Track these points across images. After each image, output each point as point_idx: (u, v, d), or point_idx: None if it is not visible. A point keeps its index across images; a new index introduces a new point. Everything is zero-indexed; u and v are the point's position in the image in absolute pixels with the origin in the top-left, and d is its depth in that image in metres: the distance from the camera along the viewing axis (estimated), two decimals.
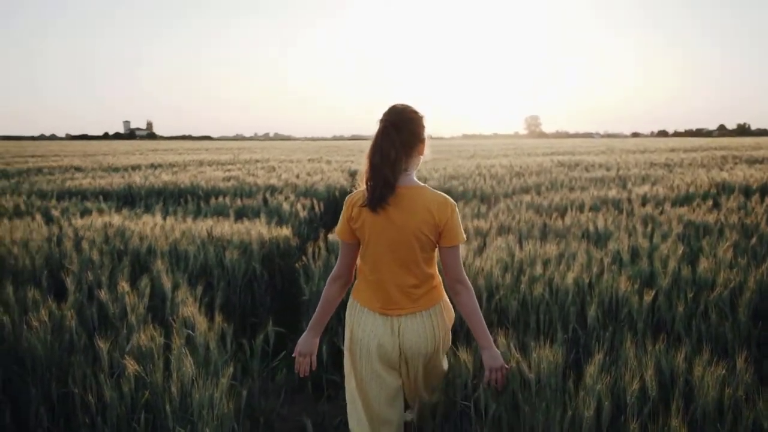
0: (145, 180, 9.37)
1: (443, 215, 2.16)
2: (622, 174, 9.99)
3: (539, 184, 8.78)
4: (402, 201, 2.15)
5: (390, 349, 2.24)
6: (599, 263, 3.98)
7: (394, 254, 2.18)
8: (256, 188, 8.59)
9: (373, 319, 2.24)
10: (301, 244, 5.61)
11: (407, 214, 2.14)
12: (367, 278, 2.27)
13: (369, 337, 2.24)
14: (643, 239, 4.60)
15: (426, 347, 2.26)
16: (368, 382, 2.31)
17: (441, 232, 2.18)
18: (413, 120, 2.19)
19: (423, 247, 2.18)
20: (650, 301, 3.28)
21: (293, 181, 9.37)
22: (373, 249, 2.21)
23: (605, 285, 3.57)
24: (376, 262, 2.22)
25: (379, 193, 2.10)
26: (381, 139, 2.13)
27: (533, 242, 4.56)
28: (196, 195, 8.15)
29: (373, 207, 2.13)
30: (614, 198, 7.07)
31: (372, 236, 2.19)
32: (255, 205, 7.16)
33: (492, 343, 2.31)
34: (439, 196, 2.21)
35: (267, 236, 5.12)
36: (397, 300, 2.22)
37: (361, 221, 2.19)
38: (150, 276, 3.84)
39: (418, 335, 2.23)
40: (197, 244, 4.63)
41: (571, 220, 5.62)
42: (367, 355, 2.26)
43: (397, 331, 2.22)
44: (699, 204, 6.30)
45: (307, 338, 2.37)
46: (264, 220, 5.99)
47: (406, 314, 2.22)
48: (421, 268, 2.22)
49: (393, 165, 2.11)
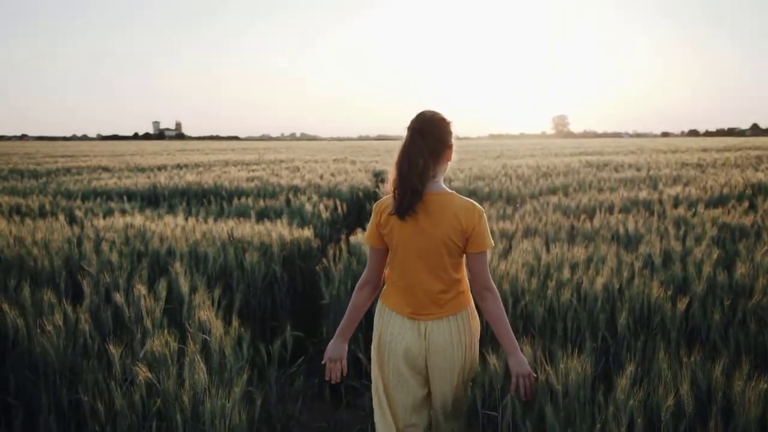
0: (170, 180, 9.40)
1: (470, 221, 2.17)
2: (653, 174, 9.74)
3: (567, 185, 8.59)
4: (430, 208, 2.16)
5: (417, 353, 2.25)
6: (629, 268, 3.82)
7: (422, 260, 2.20)
8: (279, 189, 8.54)
9: (401, 323, 2.26)
10: (322, 245, 5.53)
11: (435, 221, 2.16)
12: (395, 284, 2.29)
13: (396, 340, 2.26)
14: (675, 242, 4.42)
15: (452, 352, 2.25)
16: (395, 387, 2.32)
17: (468, 238, 2.18)
18: (440, 127, 2.21)
19: (450, 253, 2.20)
20: (684, 308, 3.13)
21: (317, 181, 9.31)
22: (402, 255, 2.23)
23: (636, 291, 3.42)
24: (405, 268, 2.24)
25: (408, 202, 2.12)
26: (409, 147, 2.15)
27: (560, 245, 4.41)
28: (220, 195, 8.14)
29: (401, 215, 2.15)
30: (645, 199, 6.87)
31: (400, 243, 2.21)
32: (277, 206, 7.10)
33: (518, 348, 2.29)
34: (466, 202, 2.21)
35: (288, 238, 5.05)
36: (425, 305, 2.23)
37: (390, 227, 2.21)
38: (168, 278, 3.79)
39: (444, 339, 2.23)
40: (217, 246, 4.58)
41: (600, 222, 5.45)
42: (395, 359, 2.27)
43: (424, 334, 2.24)
44: (734, 205, 6.08)
45: (335, 344, 2.39)
46: (286, 221, 5.94)
47: (433, 319, 2.23)
48: (449, 273, 2.23)
49: (421, 174, 2.13)
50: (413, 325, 2.24)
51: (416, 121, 2.20)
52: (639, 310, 3.31)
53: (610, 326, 3.31)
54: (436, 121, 2.21)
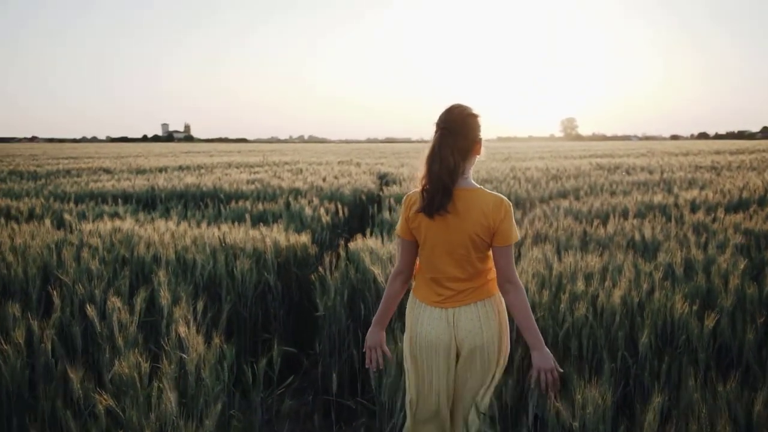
0: (168, 182, 9.14)
1: (497, 216, 2.17)
2: (666, 177, 9.41)
3: (577, 188, 8.28)
4: (457, 204, 2.17)
5: (447, 340, 2.27)
6: (649, 278, 3.52)
7: (449, 254, 2.23)
8: (280, 191, 8.27)
9: (429, 313, 2.29)
10: (320, 252, 5.26)
11: (462, 216, 2.17)
12: (424, 276, 2.33)
13: (427, 330, 2.28)
14: (697, 250, 4.12)
15: (481, 337, 2.25)
16: (427, 377, 2.34)
17: (494, 233, 2.19)
18: (470, 123, 2.20)
19: (477, 247, 2.21)
20: (712, 326, 2.83)
21: (319, 183, 9.02)
22: (429, 249, 2.26)
23: (657, 305, 3.12)
24: (432, 260, 2.27)
25: (439, 202, 2.13)
26: (439, 145, 2.15)
27: (573, 253, 4.12)
28: (218, 198, 7.87)
29: (430, 214, 2.17)
30: (660, 203, 6.55)
31: (428, 237, 2.24)
32: (276, 210, 6.82)
33: (543, 343, 2.25)
34: (494, 196, 2.20)
35: (284, 244, 4.77)
36: (453, 294, 2.26)
37: (417, 222, 2.24)
38: (150, 288, 3.52)
39: (472, 323, 2.24)
40: (207, 253, 4.30)
41: (614, 228, 5.14)
42: (427, 348, 2.30)
43: (452, 321, 2.26)
44: (756, 210, 5.76)
45: (373, 332, 2.46)
46: (282, 225, 5.66)
47: (460, 306, 2.25)
48: (475, 266, 2.25)
49: (452, 172, 2.13)
50: (441, 313, 2.27)
51: (446, 119, 2.18)
52: (661, 326, 3.01)
53: (630, 344, 3.01)
54: (465, 116, 2.19)
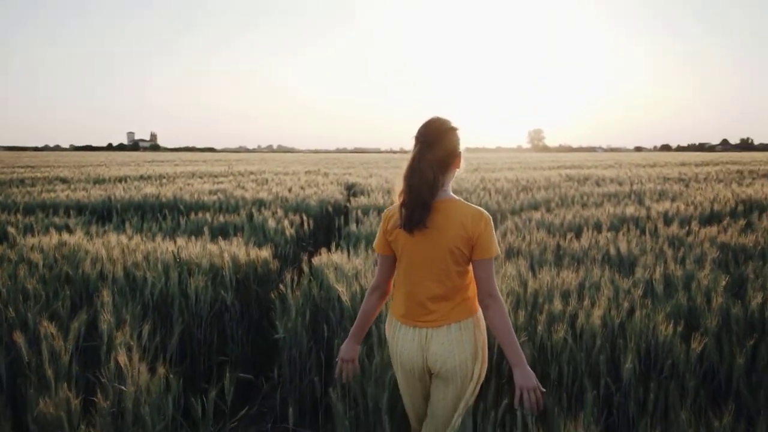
0: (126, 193, 8.74)
1: (476, 229, 2.12)
2: (637, 189, 9.34)
3: (548, 200, 8.14)
4: (437, 216, 2.13)
5: (419, 362, 2.21)
6: (628, 296, 3.34)
7: (427, 267, 2.18)
8: (243, 202, 7.95)
9: (404, 332, 2.24)
10: (283, 267, 4.98)
11: (441, 228, 2.13)
12: (400, 290, 2.28)
13: (401, 349, 2.24)
14: (675, 266, 3.95)
15: (452, 361, 2.17)
16: (407, 394, 2.36)
17: (474, 246, 2.14)
18: (449, 137, 2.16)
19: (456, 260, 2.16)
20: (699, 349, 2.64)
21: (284, 194, 8.72)
22: (407, 262, 2.22)
23: (639, 326, 2.93)
24: (410, 274, 2.22)
25: (418, 217, 2.10)
26: (418, 160, 2.11)
27: (548, 269, 3.93)
28: (177, 209, 7.53)
29: (409, 230, 2.13)
30: (633, 216, 6.42)
31: (405, 250, 2.20)
32: (238, 222, 6.52)
33: (524, 360, 2.15)
34: (473, 209, 2.16)
35: (243, 259, 4.48)
36: (429, 311, 2.19)
37: (395, 235, 2.21)
38: (92, 310, 3.22)
39: (443, 348, 2.17)
40: (159, 269, 3.99)
41: (589, 242, 4.98)
42: (401, 368, 2.28)
43: (423, 343, 2.20)
44: (729, 223, 5.66)
45: (348, 345, 2.44)
46: (245, 238, 5.38)
47: (435, 326, 2.18)
48: (453, 280, 2.19)
49: (431, 187, 2.10)
50: (414, 333, 2.21)
51: (424, 132, 2.15)
52: (645, 350, 2.82)
53: (612, 369, 2.81)
54: (444, 130, 2.15)
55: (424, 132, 2.15)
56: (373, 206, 7.61)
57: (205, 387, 3.65)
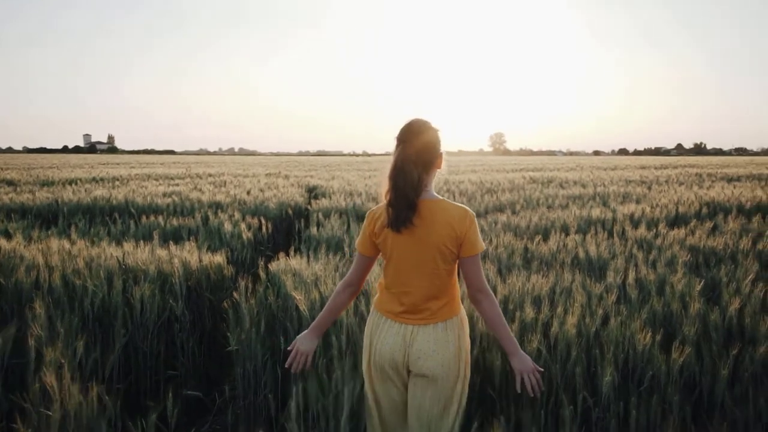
0: (75, 195, 8.32)
1: (463, 227, 2.17)
2: (601, 191, 9.31)
3: (513, 202, 8.02)
4: (423, 215, 2.16)
5: (399, 358, 2.21)
6: (601, 302, 3.18)
7: (416, 268, 2.20)
8: (199, 205, 7.62)
9: (388, 327, 2.24)
10: (238, 273, 4.71)
11: (429, 228, 2.16)
12: (389, 290, 2.28)
13: (382, 343, 2.24)
14: (647, 269, 3.82)
15: (433, 361, 2.18)
16: (382, 395, 2.31)
17: (462, 243, 2.18)
18: (431, 137, 2.19)
19: (445, 259, 2.19)
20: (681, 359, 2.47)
21: (242, 197, 8.41)
22: (396, 263, 2.23)
23: (616, 334, 2.76)
24: (399, 275, 2.24)
25: (404, 216, 2.13)
26: (402, 160, 2.13)
27: (517, 273, 3.75)
28: (128, 213, 7.17)
29: (396, 229, 2.15)
30: (599, 218, 6.33)
31: (394, 251, 2.22)
32: (193, 225, 6.21)
33: (519, 347, 2.24)
34: (458, 208, 2.21)
35: (195, 265, 4.20)
36: (418, 310, 2.22)
37: (383, 237, 2.22)
38: (22, 323, 2.91)
39: (427, 345, 2.19)
40: (102, 277, 3.69)
41: (557, 245, 4.83)
42: (380, 363, 2.25)
43: (408, 339, 2.21)
44: (696, 226, 5.59)
45: (307, 336, 2.40)
46: (200, 243, 5.09)
47: (423, 324, 2.20)
48: (442, 279, 2.21)
49: (416, 186, 2.13)
50: (399, 329, 2.22)
51: (407, 133, 2.17)
52: (623, 360, 2.65)
53: (589, 381, 2.63)
54: (426, 131, 2.18)
55: (406, 132, 2.17)
56: (335, 209, 7.38)
57: (150, 405, 3.37)
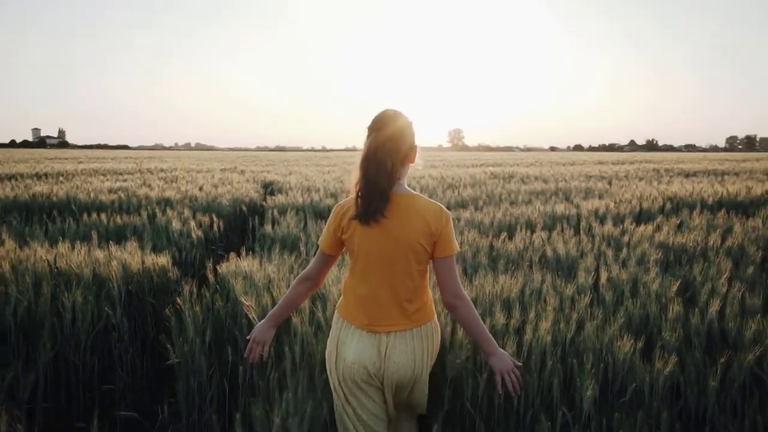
0: (11, 191, 7.79)
1: (438, 224, 2.05)
2: (562, 187, 9.20)
3: (476, 198, 7.82)
4: (396, 210, 2.04)
5: (374, 371, 2.08)
6: (575, 305, 2.98)
7: (387, 267, 2.07)
8: (147, 202, 7.21)
9: (359, 338, 2.09)
10: (185, 276, 4.37)
11: (402, 223, 2.04)
12: (355, 292, 2.14)
13: (354, 356, 2.09)
14: (619, 269, 3.64)
15: (412, 371, 2.09)
16: (357, 406, 2.15)
17: (436, 242, 2.07)
18: (405, 127, 2.08)
19: (418, 258, 2.07)
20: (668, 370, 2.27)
21: (194, 193, 8.01)
22: (364, 261, 2.09)
23: (592, 340, 2.56)
24: (367, 274, 2.10)
25: (375, 206, 2.01)
26: (375, 149, 2.03)
27: (483, 273, 3.53)
28: (70, 210, 6.72)
29: (366, 220, 2.03)
30: (564, 214, 6.16)
31: (362, 248, 2.08)
32: (138, 223, 5.82)
33: (497, 346, 2.16)
34: (433, 204, 2.10)
35: (136, 267, 3.85)
36: (389, 314, 2.08)
37: (351, 232, 2.09)
38: None
39: (405, 356, 2.07)
40: (28, 282, 3.33)
41: (523, 243, 4.63)
42: (351, 376, 2.10)
43: (384, 351, 2.07)
44: (662, 222, 5.47)
45: (263, 326, 2.31)
46: (145, 242, 4.73)
47: (396, 331, 2.07)
48: (414, 281, 2.09)
49: (389, 175, 2.02)
50: (372, 340, 2.08)
51: (380, 122, 2.07)
52: (603, 370, 2.43)
53: (567, 395, 2.41)
54: (399, 120, 2.07)
55: (379, 121, 2.06)
56: (291, 205, 7.06)
57: (82, 426, 3.04)
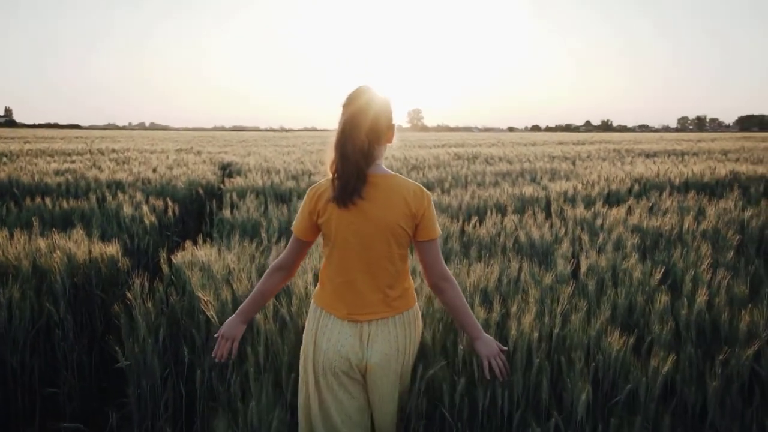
0: None
1: (420, 206, 1.98)
2: (528, 168, 9.09)
3: (442, 179, 7.64)
4: (375, 191, 1.95)
5: (356, 362, 1.99)
6: (554, 294, 2.81)
7: (366, 251, 1.98)
8: (96, 185, 6.80)
9: (339, 328, 2.00)
10: (137, 266, 4.07)
11: (382, 205, 1.95)
12: (332, 280, 2.04)
13: (334, 348, 1.99)
14: (595, 254, 3.49)
15: (396, 361, 2.01)
16: (330, 401, 2.04)
17: (418, 225, 1.99)
18: (382, 105, 1.99)
19: (399, 242, 1.98)
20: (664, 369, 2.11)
21: (148, 175, 7.61)
22: (342, 246, 1.99)
23: (579, 335, 2.39)
24: (346, 260, 2.00)
25: (352, 187, 1.91)
26: (350, 126, 1.93)
27: (457, 261, 3.34)
28: (12, 194, 6.28)
29: (344, 202, 1.93)
30: (533, 196, 6.03)
31: (340, 232, 1.98)
32: (86, 208, 5.45)
33: (482, 331, 2.12)
34: (413, 185, 2.02)
35: (82, 257, 3.54)
36: (370, 302, 1.99)
37: (328, 215, 1.98)
38: None
39: (389, 345, 1.99)
40: None
41: (495, 227, 4.45)
42: (331, 369, 2.00)
43: (366, 340, 1.99)
44: (633, 204, 5.37)
45: (234, 322, 2.19)
46: (91, 229, 4.39)
47: (378, 319, 1.99)
48: (395, 265, 2.00)
49: (366, 155, 1.93)
50: (354, 329, 1.99)
51: (356, 99, 1.97)
52: (593, 369, 2.26)
53: (557, 398, 2.24)
54: (376, 98, 1.98)
55: (355, 98, 1.96)
56: (251, 188, 6.75)
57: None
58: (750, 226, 4.34)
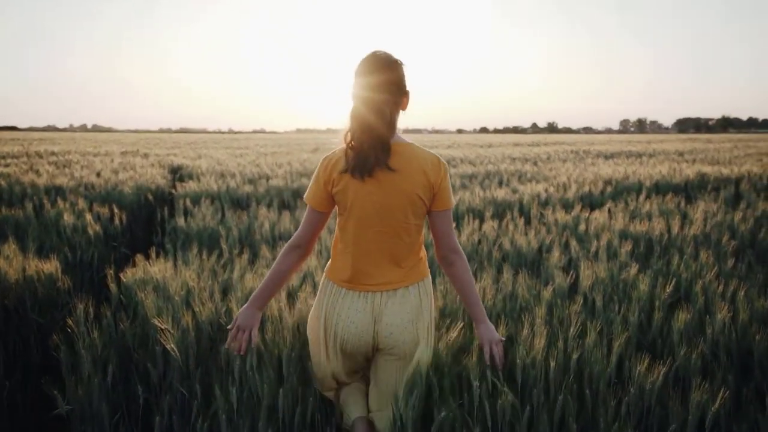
0: None
1: (438, 176, 1.92)
2: (492, 170, 8.85)
3: None
4: (395, 159, 1.87)
5: (367, 338, 1.96)
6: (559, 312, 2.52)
7: (382, 221, 1.92)
8: (33, 190, 6.21)
9: (351, 302, 1.96)
10: (80, 283, 3.59)
11: (401, 174, 1.88)
12: (345, 251, 1.99)
13: (345, 322, 1.96)
14: (592, 264, 3.21)
15: (408, 334, 1.94)
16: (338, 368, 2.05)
17: (435, 195, 1.94)
18: (399, 70, 1.90)
19: (415, 212, 1.93)
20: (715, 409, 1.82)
21: (91, 180, 7.03)
22: (357, 216, 1.93)
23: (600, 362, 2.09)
24: (361, 230, 1.94)
25: (375, 158, 1.84)
26: (372, 93, 1.84)
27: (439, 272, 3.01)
28: None
29: (363, 174, 1.86)
30: (506, 200, 5.76)
31: (356, 202, 1.91)
32: (21, 217, 4.90)
33: (486, 316, 2.08)
34: (431, 154, 1.95)
35: (14, 276, 3.06)
36: (384, 272, 1.95)
37: (343, 185, 1.91)
38: None
39: (400, 318, 1.94)
40: None
41: (477, 234, 4.14)
42: (342, 342, 1.98)
43: (376, 311, 1.94)
44: (613, 208, 5.16)
45: (248, 311, 2.07)
46: (20, 244, 3.89)
47: (390, 290, 1.95)
48: (411, 236, 1.97)
49: (389, 123, 1.87)
50: (365, 302, 1.94)
51: (372, 63, 1.86)
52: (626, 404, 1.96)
53: None
54: (393, 63, 1.88)
55: (371, 63, 1.86)
56: (205, 193, 6.28)
57: None
58: (740, 230, 4.16)
